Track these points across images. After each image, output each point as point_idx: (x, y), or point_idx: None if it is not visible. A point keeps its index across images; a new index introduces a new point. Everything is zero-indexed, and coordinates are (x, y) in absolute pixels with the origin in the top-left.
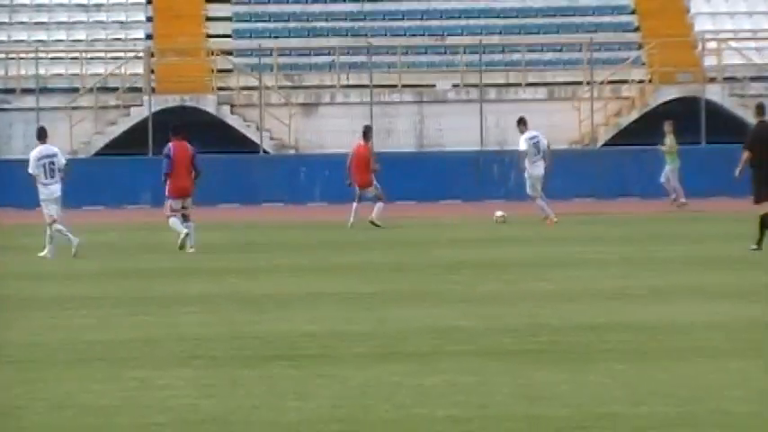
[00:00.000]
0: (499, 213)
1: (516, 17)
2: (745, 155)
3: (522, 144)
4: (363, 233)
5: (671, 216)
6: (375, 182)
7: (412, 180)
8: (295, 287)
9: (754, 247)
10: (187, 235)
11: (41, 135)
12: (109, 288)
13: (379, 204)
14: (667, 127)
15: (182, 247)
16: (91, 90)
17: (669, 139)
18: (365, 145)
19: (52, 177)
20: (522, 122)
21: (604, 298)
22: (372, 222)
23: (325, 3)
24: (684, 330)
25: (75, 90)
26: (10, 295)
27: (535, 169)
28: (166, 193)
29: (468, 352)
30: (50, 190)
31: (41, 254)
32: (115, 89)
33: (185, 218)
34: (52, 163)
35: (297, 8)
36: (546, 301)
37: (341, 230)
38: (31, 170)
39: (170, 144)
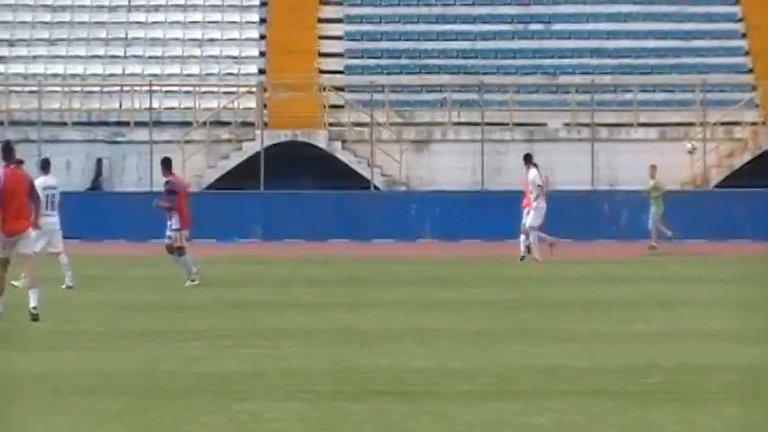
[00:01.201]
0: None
1: (629, 57)
2: None
3: (539, 179)
4: (467, 269)
5: None
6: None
7: (520, 218)
8: (401, 322)
9: None
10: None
11: (45, 166)
12: (218, 320)
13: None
14: (650, 171)
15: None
16: (204, 124)
17: (653, 183)
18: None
19: (52, 209)
20: (528, 158)
21: (714, 338)
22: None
23: (438, 40)
24: None
25: (188, 124)
26: (115, 326)
27: (543, 203)
28: None
29: (576, 391)
30: (49, 221)
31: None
32: (228, 123)
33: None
34: (53, 195)
35: (409, 45)
36: (654, 340)
37: (449, 266)
38: None
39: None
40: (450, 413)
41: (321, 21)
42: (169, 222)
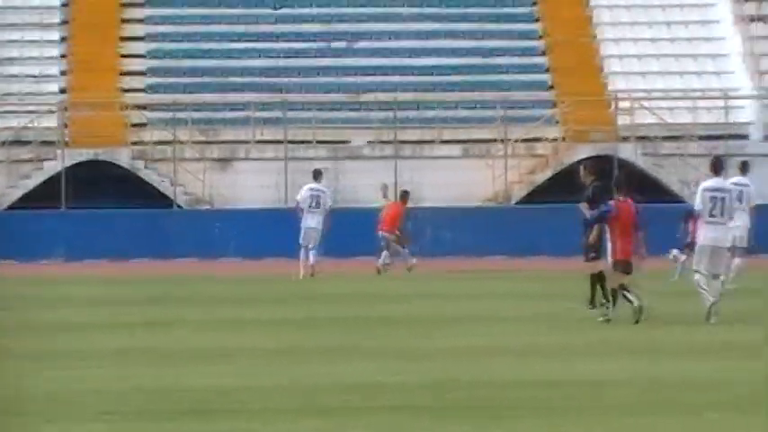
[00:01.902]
0: None
1: (431, 74)
2: None
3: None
4: (272, 287)
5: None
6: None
7: (328, 235)
8: (206, 341)
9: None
10: None
11: None
12: (19, 342)
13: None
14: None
15: None
16: (3, 143)
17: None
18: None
19: None
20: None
21: (515, 354)
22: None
23: (240, 58)
24: (593, 387)
25: None
26: None
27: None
28: None
29: (381, 408)
30: None
31: None
32: (28, 143)
33: None
34: None
35: (211, 63)
36: (459, 357)
37: (254, 285)
38: None
39: None
40: (256, 431)
41: (123, 39)
42: None
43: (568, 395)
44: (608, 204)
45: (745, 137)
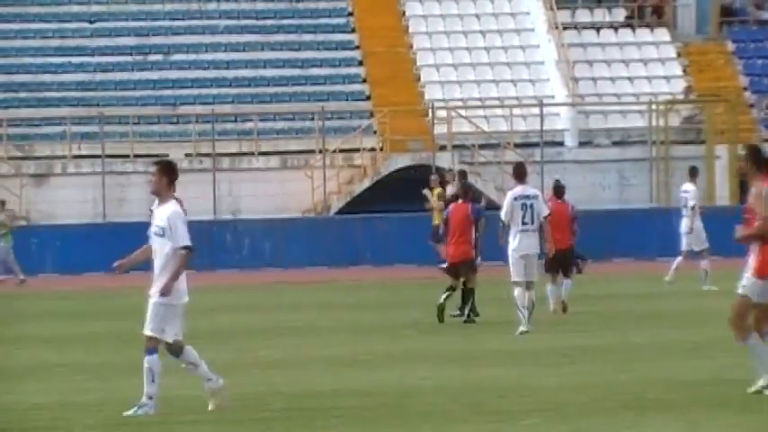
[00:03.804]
0: None
1: (249, 86)
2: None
3: None
4: (90, 303)
5: (403, 283)
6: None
7: None
8: (24, 358)
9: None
10: None
11: None
12: None
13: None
14: None
15: None
16: None
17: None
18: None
19: None
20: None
21: (335, 364)
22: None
23: (56, 72)
24: (413, 394)
25: None
26: None
27: None
28: None
29: (200, 421)
30: None
31: None
32: None
33: None
34: None
35: (26, 78)
36: (277, 367)
37: (72, 300)
38: None
39: None
40: None
41: None
42: None
43: (382, 403)
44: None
45: (560, 143)
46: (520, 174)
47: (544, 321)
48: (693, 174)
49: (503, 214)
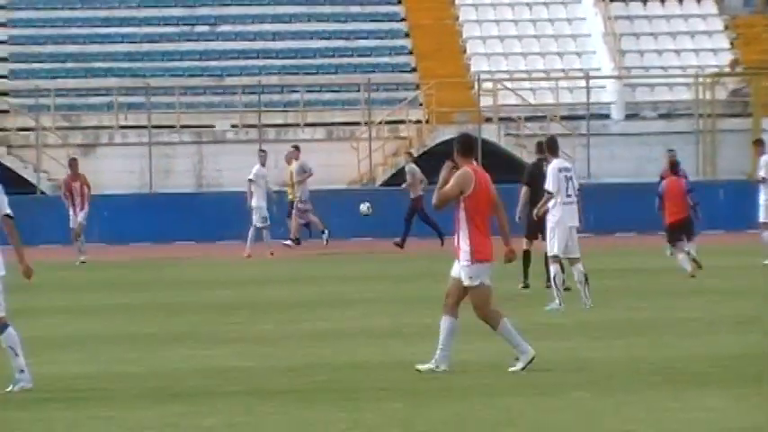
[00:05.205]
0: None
1: (294, 57)
2: (524, 191)
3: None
4: (135, 273)
5: (448, 255)
6: None
7: (190, 220)
8: (70, 329)
9: (522, 285)
10: None
11: None
12: None
13: None
14: None
15: None
16: None
17: None
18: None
19: None
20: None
21: (379, 336)
22: None
23: (103, 43)
24: (458, 367)
25: None
26: None
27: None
28: None
29: (245, 392)
30: None
31: None
32: None
33: None
34: None
35: (74, 48)
36: (323, 339)
37: (118, 270)
38: None
39: None
40: (118, 417)
41: None
42: None
43: (427, 376)
44: None
45: (606, 116)
46: (555, 147)
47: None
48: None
49: (550, 186)
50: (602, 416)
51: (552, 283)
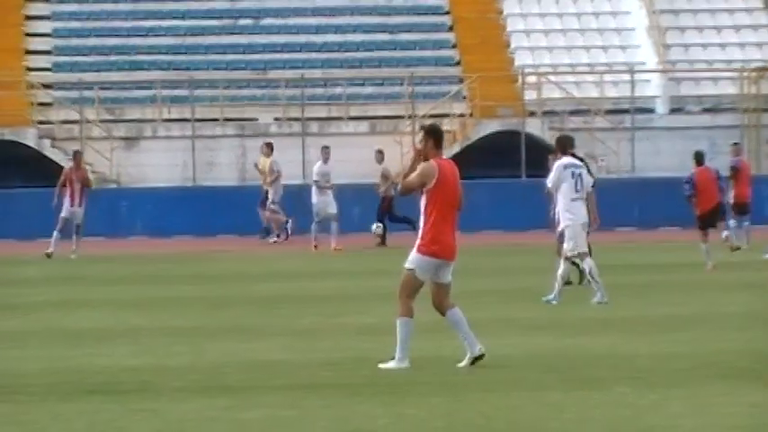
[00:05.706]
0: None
1: (338, 51)
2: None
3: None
4: (179, 266)
5: (498, 249)
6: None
7: (233, 213)
8: (114, 321)
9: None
10: None
11: None
12: None
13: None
14: None
15: None
16: None
17: None
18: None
19: None
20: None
21: (421, 330)
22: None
23: (147, 36)
24: (501, 363)
25: None
26: None
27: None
28: None
29: (287, 386)
30: None
31: None
32: None
33: None
34: None
35: (117, 41)
36: (366, 333)
37: (161, 263)
38: None
39: None
40: (162, 410)
41: (28, 18)
42: None
43: (469, 371)
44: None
45: (651, 110)
46: (564, 145)
47: (635, 288)
48: None
49: (550, 182)
50: (645, 411)
51: (589, 277)
